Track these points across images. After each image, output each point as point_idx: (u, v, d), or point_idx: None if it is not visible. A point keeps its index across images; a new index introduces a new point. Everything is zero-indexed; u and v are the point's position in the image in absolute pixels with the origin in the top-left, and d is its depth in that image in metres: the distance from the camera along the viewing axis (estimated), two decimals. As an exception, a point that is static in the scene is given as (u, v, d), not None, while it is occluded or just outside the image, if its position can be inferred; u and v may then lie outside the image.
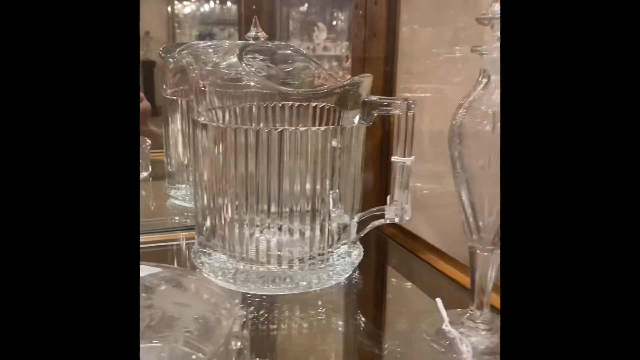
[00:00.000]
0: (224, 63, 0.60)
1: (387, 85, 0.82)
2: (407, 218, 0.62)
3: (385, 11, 0.80)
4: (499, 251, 0.49)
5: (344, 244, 0.62)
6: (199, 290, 0.48)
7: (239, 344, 0.41)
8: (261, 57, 0.67)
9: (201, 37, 1.63)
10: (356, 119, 0.59)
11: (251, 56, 0.65)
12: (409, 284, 0.69)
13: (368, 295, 0.65)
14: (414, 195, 0.82)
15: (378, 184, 0.85)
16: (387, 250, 0.79)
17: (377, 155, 0.83)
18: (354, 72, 0.87)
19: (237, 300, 0.57)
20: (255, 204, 0.57)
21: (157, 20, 1.50)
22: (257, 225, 0.58)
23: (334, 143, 0.58)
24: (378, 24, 0.81)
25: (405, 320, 0.59)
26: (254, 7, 1.26)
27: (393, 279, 0.72)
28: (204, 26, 1.64)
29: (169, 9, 1.55)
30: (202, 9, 1.64)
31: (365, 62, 0.84)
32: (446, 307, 0.56)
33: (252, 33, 0.69)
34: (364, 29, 0.83)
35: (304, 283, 0.58)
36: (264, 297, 0.58)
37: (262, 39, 0.68)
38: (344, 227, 0.62)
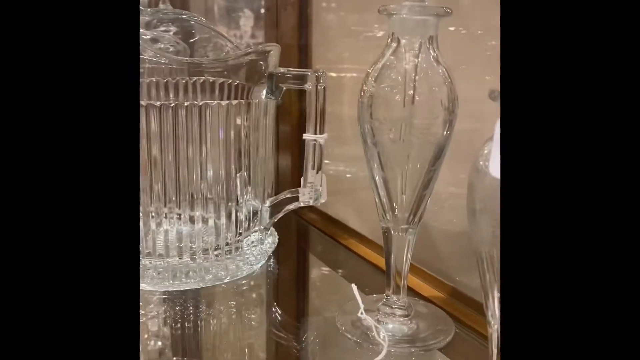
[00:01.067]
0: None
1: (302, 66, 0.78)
2: (322, 201, 0.57)
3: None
4: (414, 230, 0.46)
5: (256, 231, 0.57)
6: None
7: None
8: (173, 31, 0.60)
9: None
10: (263, 94, 0.54)
11: (164, 29, 0.59)
12: (328, 271, 0.66)
13: (285, 284, 0.61)
14: (336, 179, 0.79)
15: (298, 167, 0.80)
16: (307, 236, 0.75)
17: (295, 136, 0.79)
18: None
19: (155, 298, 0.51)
20: (149, 190, 0.50)
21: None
22: (152, 215, 0.51)
23: (238, 121, 0.52)
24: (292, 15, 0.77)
25: (322, 310, 0.55)
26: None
27: (312, 266, 0.68)
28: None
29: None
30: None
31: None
32: (367, 293, 0.53)
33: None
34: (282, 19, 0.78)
35: (210, 276, 0.53)
36: (178, 292, 0.52)
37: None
38: (255, 213, 0.57)
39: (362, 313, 0.46)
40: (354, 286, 0.49)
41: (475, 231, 0.33)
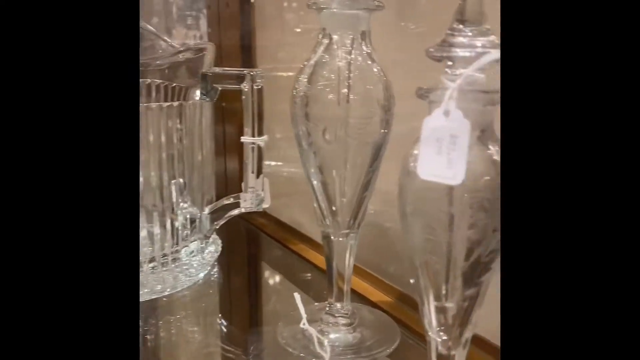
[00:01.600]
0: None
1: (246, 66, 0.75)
2: (265, 206, 0.55)
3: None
4: (356, 235, 0.44)
5: (194, 240, 0.54)
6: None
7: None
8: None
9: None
10: (197, 95, 0.51)
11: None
12: (276, 279, 0.63)
13: (229, 295, 0.58)
14: (289, 181, 0.76)
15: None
16: (255, 242, 0.72)
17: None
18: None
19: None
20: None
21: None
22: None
23: (170, 124, 0.49)
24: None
25: (267, 321, 0.53)
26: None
27: (259, 275, 0.65)
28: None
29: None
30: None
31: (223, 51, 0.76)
32: (317, 301, 0.51)
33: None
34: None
35: (146, 290, 0.49)
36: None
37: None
38: (193, 221, 0.54)
39: (304, 324, 0.44)
40: (296, 295, 0.47)
41: (408, 236, 0.31)
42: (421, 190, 0.29)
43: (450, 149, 0.27)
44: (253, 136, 0.51)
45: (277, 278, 0.63)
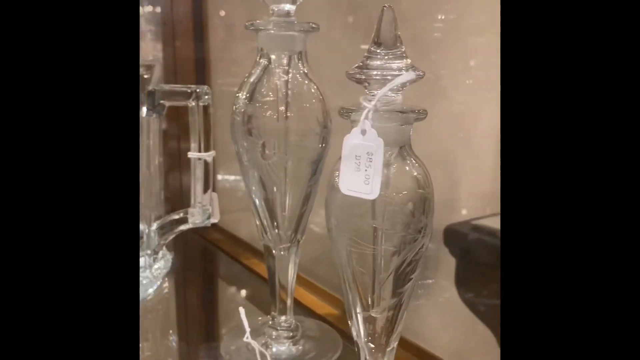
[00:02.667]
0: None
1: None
2: (214, 221, 0.55)
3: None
4: (297, 248, 0.45)
5: (142, 255, 0.54)
6: None
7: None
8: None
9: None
10: (143, 111, 0.51)
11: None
12: (226, 294, 0.64)
13: (177, 311, 0.58)
14: (241, 196, 0.77)
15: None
16: (208, 257, 0.72)
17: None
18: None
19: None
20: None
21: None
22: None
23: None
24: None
25: (215, 335, 0.53)
26: None
27: (209, 290, 0.65)
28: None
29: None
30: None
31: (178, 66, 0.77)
32: (265, 314, 0.51)
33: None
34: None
35: (90, 306, 0.49)
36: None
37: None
38: (141, 237, 0.54)
39: (247, 337, 0.45)
40: (241, 309, 0.47)
41: (334, 250, 0.32)
42: (344, 205, 0.30)
43: (367, 165, 0.28)
44: (199, 152, 0.51)
45: (230, 293, 0.63)
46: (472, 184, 0.46)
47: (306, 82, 0.41)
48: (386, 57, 0.29)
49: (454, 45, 0.44)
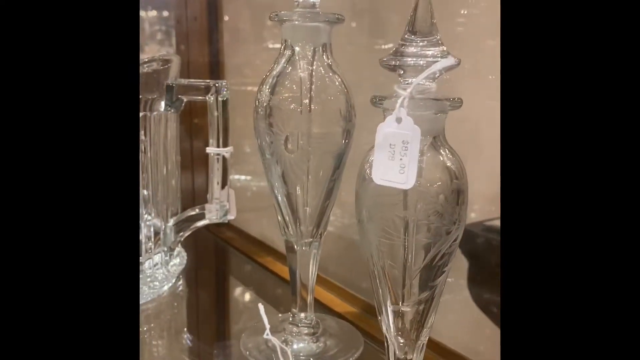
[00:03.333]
0: None
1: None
2: (231, 217, 0.55)
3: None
4: (318, 243, 0.44)
5: (158, 252, 0.54)
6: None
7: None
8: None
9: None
10: (162, 106, 0.51)
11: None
12: (241, 291, 0.63)
13: (194, 308, 0.57)
14: (258, 195, 0.76)
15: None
16: (222, 255, 0.72)
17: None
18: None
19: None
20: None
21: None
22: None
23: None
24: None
25: (232, 333, 0.52)
26: None
27: (224, 287, 0.65)
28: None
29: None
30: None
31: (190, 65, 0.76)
32: (282, 312, 0.51)
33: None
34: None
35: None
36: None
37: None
38: (157, 233, 0.53)
39: (267, 334, 0.44)
40: (260, 306, 0.46)
41: (365, 243, 0.31)
42: (376, 195, 0.30)
43: (402, 154, 0.27)
44: (218, 147, 0.51)
45: (244, 291, 0.63)
46: (484, 185, 0.45)
47: (330, 74, 0.41)
48: (421, 44, 0.28)
49: (464, 46, 0.44)
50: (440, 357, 0.45)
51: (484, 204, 0.46)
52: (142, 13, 0.83)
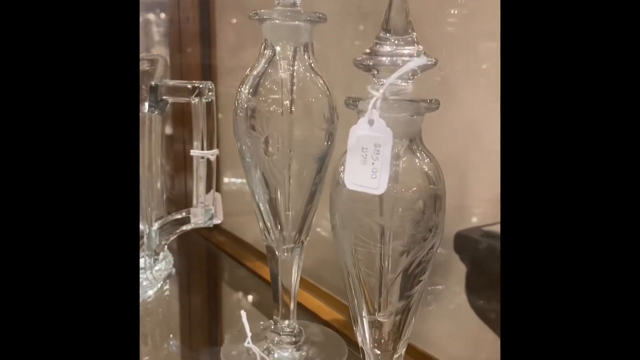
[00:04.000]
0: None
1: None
2: (217, 221, 0.54)
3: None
4: (301, 249, 0.43)
5: (143, 256, 0.53)
6: None
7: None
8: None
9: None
10: (145, 107, 0.50)
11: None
12: (229, 297, 0.62)
13: (179, 313, 0.56)
14: (248, 199, 0.75)
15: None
16: (211, 260, 0.71)
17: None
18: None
19: None
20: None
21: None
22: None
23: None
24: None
25: (217, 340, 0.51)
26: None
27: (211, 292, 0.64)
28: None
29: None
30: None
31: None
32: (268, 318, 0.49)
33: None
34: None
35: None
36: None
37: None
38: (141, 237, 0.52)
39: (248, 342, 0.43)
40: (243, 313, 0.45)
41: (339, 249, 0.30)
42: (350, 201, 0.29)
43: (374, 158, 0.26)
44: (202, 150, 0.50)
45: (231, 296, 0.62)
46: (484, 190, 0.44)
47: (312, 75, 0.39)
48: (396, 43, 0.27)
49: (466, 49, 0.42)
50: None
51: (487, 208, 0.45)
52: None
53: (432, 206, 0.28)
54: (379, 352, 0.31)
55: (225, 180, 0.77)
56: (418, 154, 0.28)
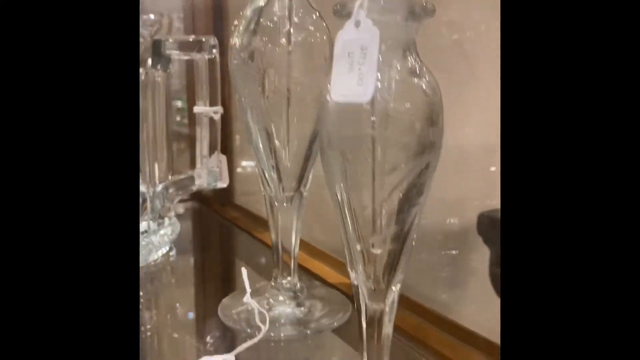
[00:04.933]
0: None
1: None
2: (223, 185, 0.52)
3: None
4: (301, 200, 0.41)
5: (146, 219, 0.52)
6: None
7: None
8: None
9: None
10: (148, 63, 0.49)
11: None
12: (233, 261, 0.60)
13: (183, 275, 0.55)
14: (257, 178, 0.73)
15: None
16: (223, 232, 0.69)
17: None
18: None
19: None
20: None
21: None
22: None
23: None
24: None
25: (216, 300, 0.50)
26: None
27: (217, 257, 0.62)
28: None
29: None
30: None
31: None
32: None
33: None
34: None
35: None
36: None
37: None
38: (143, 200, 0.51)
39: (247, 297, 0.41)
40: (243, 270, 0.44)
41: (328, 172, 0.28)
42: (339, 113, 0.27)
43: (361, 63, 0.24)
44: (205, 106, 0.49)
45: (236, 261, 0.60)
46: None
47: (310, 9, 0.38)
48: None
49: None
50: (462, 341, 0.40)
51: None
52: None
53: (427, 120, 0.26)
54: (373, 287, 0.28)
55: (243, 163, 0.76)
56: (411, 65, 0.26)
